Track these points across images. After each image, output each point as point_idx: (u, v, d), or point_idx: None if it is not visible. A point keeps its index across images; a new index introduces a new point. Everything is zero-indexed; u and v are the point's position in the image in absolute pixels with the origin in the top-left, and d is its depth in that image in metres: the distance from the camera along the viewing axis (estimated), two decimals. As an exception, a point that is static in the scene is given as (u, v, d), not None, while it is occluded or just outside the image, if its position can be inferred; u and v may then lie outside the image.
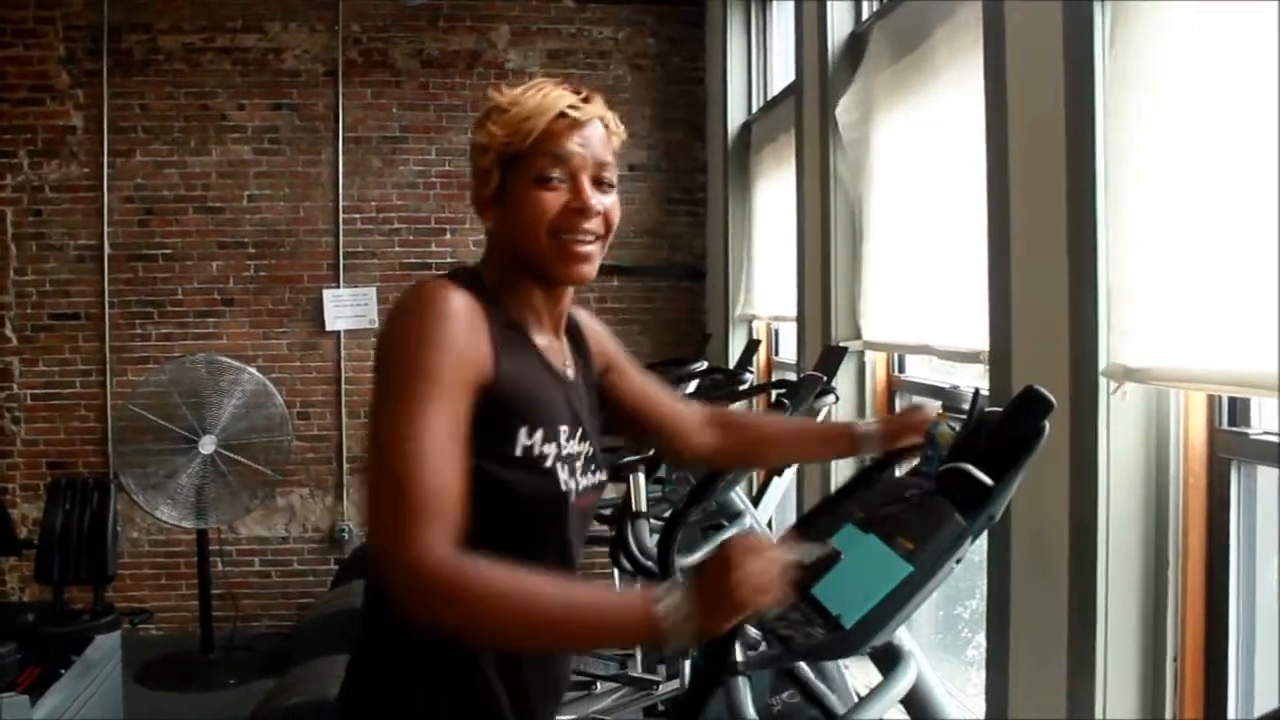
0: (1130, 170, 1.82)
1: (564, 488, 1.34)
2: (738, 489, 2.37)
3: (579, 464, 1.37)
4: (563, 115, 1.33)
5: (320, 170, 5.63)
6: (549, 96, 1.33)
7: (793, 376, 3.57)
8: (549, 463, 1.32)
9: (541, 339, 1.41)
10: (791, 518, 3.87)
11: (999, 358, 2.27)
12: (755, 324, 5.00)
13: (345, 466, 5.67)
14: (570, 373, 1.45)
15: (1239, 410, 1.80)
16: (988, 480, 1.29)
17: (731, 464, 1.99)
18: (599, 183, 1.35)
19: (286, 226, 5.63)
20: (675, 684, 3.45)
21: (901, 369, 3.47)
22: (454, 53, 5.70)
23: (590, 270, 1.36)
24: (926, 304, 2.77)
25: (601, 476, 1.45)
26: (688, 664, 3.15)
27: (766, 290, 4.67)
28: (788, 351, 4.78)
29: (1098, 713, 1.92)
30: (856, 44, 3.40)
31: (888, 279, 3.10)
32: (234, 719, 4.21)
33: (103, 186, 5.46)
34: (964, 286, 2.49)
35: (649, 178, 5.81)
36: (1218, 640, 1.81)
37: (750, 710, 1.22)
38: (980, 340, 2.38)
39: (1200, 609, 1.86)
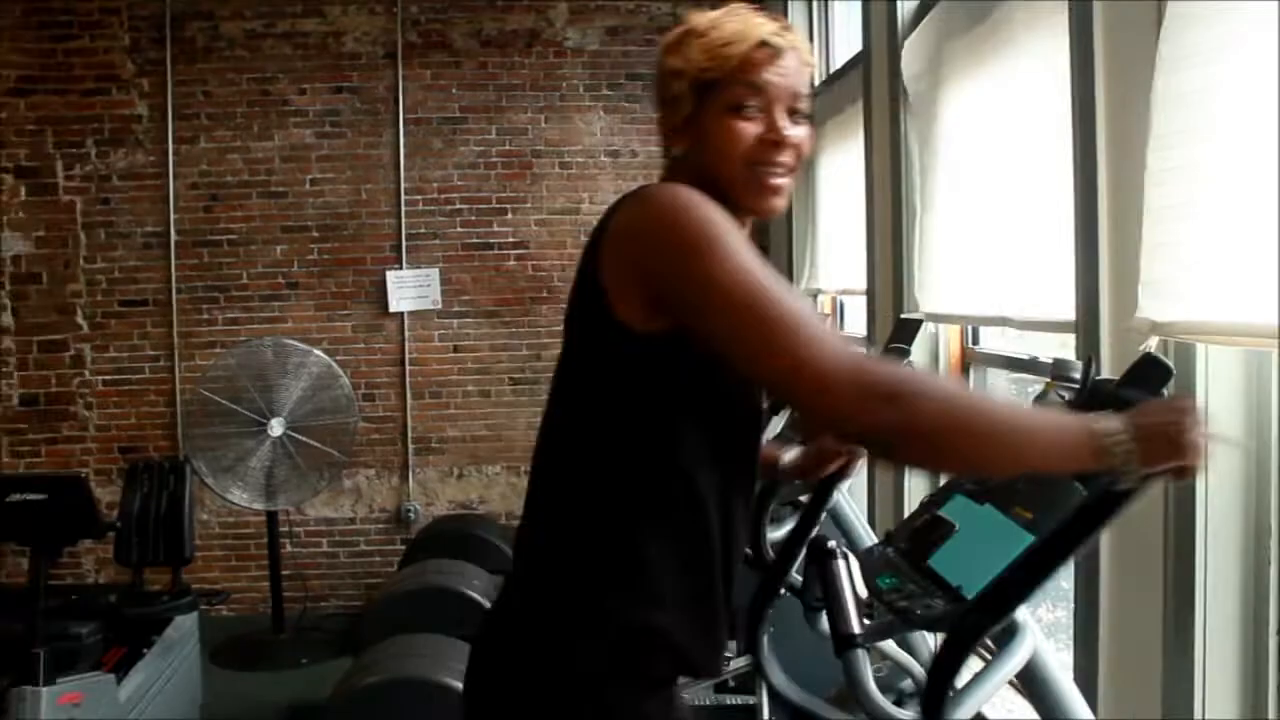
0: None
1: (762, 403, 1.36)
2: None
3: None
4: (763, 44, 1.30)
5: (381, 152, 5.65)
6: (749, 23, 1.31)
7: (862, 350, 3.53)
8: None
9: None
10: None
11: (1086, 325, 2.23)
12: (821, 298, 4.96)
13: (411, 447, 5.71)
14: None
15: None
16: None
17: None
18: (792, 113, 1.33)
19: (349, 209, 5.66)
20: (744, 660, 3.44)
21: (976, 340, 3.42)
22: (512, 32, 5.69)
23: (781, 203, 1.35)
24: (1007, 274, 2.72)
25: None
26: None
27: (833, 264, 4.62)
28: (852, 325, 4.74)
29: (1196, 687, 1.89)
30: (925, 13, 3.33)
31: (964, 250, 3.04)
32: (309, 697, 4.27)
33: (168, 174, 5.52)
34: (1047, 255, 2.45)
35: (708, 153, 5.76)
36: None
37: (870, 681, 1.21)
38: (1066, 309, 2.34)
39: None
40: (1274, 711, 1.86)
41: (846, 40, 4.66)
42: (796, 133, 1.33)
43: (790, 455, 1.73)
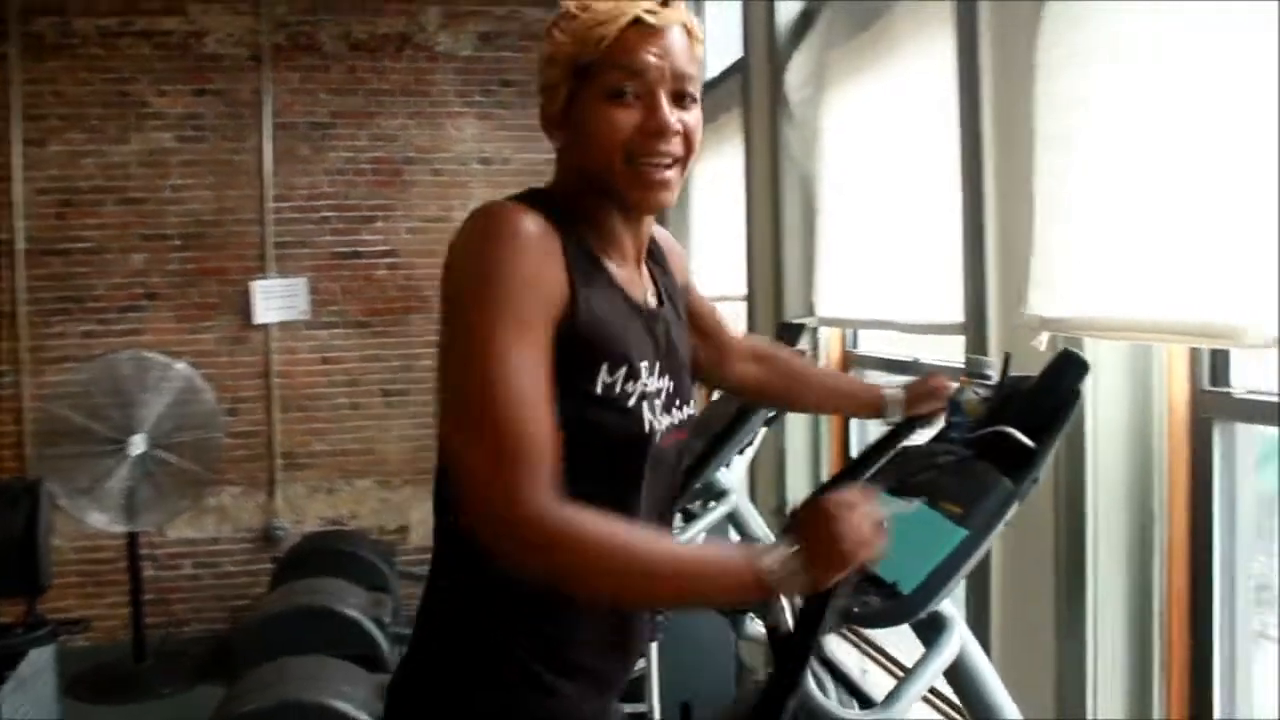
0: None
1: (647, 428, 1.25)
2: (724, 469, 2.35)
3: (660, 401, 1.28)
4: (638, 21, 1.19)
5: (246, 158, 5.45)
6: (621, 1, 1.20)
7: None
8: (631, 401, 1.23)
9: (620, 269, 1.30)
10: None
11: (974, 326, 2.28)
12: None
13: (278, 462, 5.52)
14: (653, 302, 1.35)
15: (1219, 370, 1.84)
16: (1030, 443, 1.29)
17: (764, 399, 1.93)
18: (679, 97, 1.22)
19: (212, 217, 5.44)
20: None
21: (855, 344, 3.48)
22: (383, 36, 5.57)
23: (669, 197, 1.24)
24: (894, 278, 2.77)
25: (688, 411, 1.36)
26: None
27: (707, 270, 4.64)
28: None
29: (1088, 667, 1.95)
30: (808, 21, 3.38)
31: (850, 254, 3.09)
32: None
33: (15, 177, 5.20)
34: (934, 258, 2.50)
35: (581, 162, 5.73)
36: (1202, 590, 1.86)
37: (811, 682, 1.20)
38: (954, 311, 2.39)
39: (1185, 562, 1.90)
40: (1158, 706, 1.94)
41: (721, 47, 4.68)
42: (683, 118, 1.22)
43: (893, 392, 1.67)
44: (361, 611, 3.99)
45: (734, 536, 2.32)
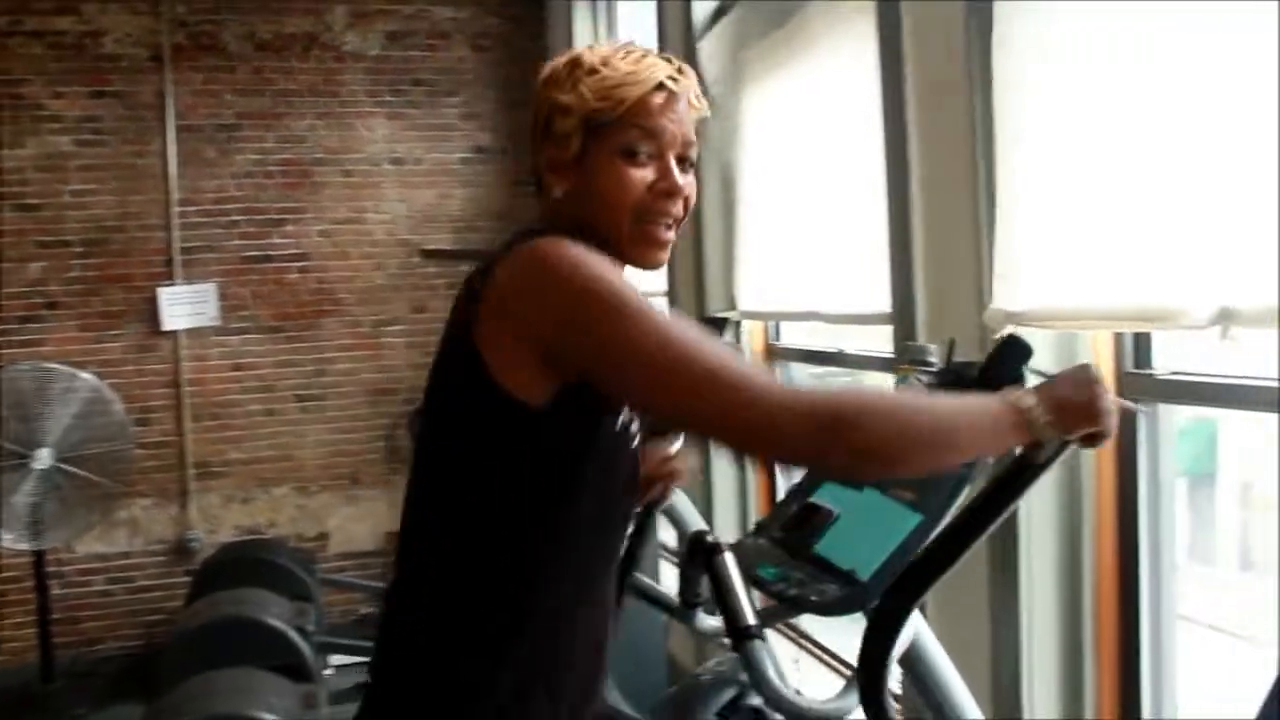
0: (1021, 128, 1.91)
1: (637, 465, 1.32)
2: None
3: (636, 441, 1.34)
4: (660, 87, 1.25)
5: (150, 161, 5.28)
6: (644, 64, 1.25)
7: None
8: (635, 443, 1.30)
9: None
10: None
11: (902, 317, 2.32)
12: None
13: (191, 473, 5.38)
14: None
15: (1142, 352, 1.90)
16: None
17: None
18: (682, 161, 1.28)
19: (116, 222, 5.27)
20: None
21: (778, 337, 3.52)
22: (289, 35, 5.45)
23: (665, 257, 1.29)
24: (820, 271, 2.80)
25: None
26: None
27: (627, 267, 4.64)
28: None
29: (1022, 647, 2.01)
30: (721, 14, 3.40)
31: (773, 248, 3.12)
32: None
33: (-100, 185, 4.99)
34: (860, 250, 2.53)
35: (495, 160, 5.70)
36: (1129, 559, 1.93)
37: (772, 670, 1.20)
38: (880, 303, 2.42)
39: (1113, 541, 1.97)
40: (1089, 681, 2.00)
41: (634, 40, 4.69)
42: (687, 181, 1.28)
43: None
44: (285, 621, 3.91)
45: (671, 529, 2.32)
